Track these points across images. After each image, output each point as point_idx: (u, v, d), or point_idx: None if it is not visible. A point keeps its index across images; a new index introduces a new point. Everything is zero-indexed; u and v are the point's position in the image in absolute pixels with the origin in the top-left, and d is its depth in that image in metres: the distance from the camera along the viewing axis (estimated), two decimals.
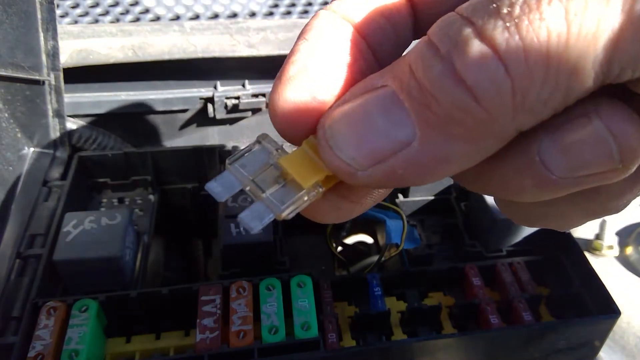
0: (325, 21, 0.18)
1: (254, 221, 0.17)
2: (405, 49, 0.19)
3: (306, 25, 0.18)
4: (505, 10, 0.14)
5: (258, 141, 0.18)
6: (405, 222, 0.47)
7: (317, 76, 0.17)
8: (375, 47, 0.18)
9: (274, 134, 0.20)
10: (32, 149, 0.56)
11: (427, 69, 0.14)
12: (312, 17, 0.18)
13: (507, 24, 0.13)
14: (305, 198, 0.18)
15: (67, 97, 0.58)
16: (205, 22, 0.69)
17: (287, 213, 0.17)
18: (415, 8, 0.19)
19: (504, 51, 0.13)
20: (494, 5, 0.14)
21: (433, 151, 0.15)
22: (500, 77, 0.14)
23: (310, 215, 0.19)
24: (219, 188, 0.18)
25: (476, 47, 0.14)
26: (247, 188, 0.18)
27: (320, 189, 0.18)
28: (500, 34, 0.13)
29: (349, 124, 0.16)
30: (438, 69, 0.14)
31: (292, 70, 0.17)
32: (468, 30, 0.14)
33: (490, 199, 0.47)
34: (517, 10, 0.13)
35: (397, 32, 0.19)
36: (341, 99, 0.17)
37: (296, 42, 0.18)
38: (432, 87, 0.14)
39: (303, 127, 0.17)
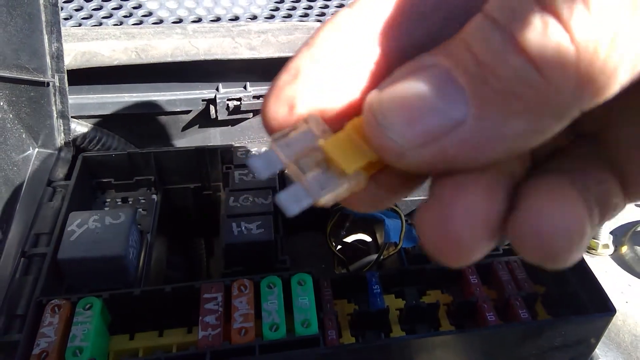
0: (347, 17, 0.17)
1: (291, 204, 0.16)
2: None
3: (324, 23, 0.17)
4: None
5: (305, 121, 0.17)
6: (404, 221, 0.48)
7: (313, 86, 0.16)
8: (398, 43, 0.17)
9: None
10: (36, 150, 0.56)
11: (485, 41, 0.14)
12: (335, 13, 0.17)
13: None
14: (346, 186, 0.17)
15: (72, 99, 0.58)
16: (207, 25, 0.69)
17: (326, 199, 0.17)
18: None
19: (567, 18, 0.13)
20: None
21: (488, 130, 0.14)
22: (564, 46, 0.13)
23: (345, 202, 0.18)
24: (261, 165, 0.17)
25: (538, 15, 0.13)
26: (289, 168, 0.17)
27: (362, 178, 0.17)
28: (562, 1, 0.13)
29: (399, 102, 0.15)
30: (497, 40, 0.13)
31: (284, 78, 0.17)
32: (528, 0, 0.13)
33: None
34: None
35: (424, 27, 0.17)
36: (390, 78, 0.16)
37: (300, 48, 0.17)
38: (491, 59, 0.13)
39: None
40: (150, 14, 0.76)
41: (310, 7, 0.82)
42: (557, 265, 0.16)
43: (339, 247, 0.55)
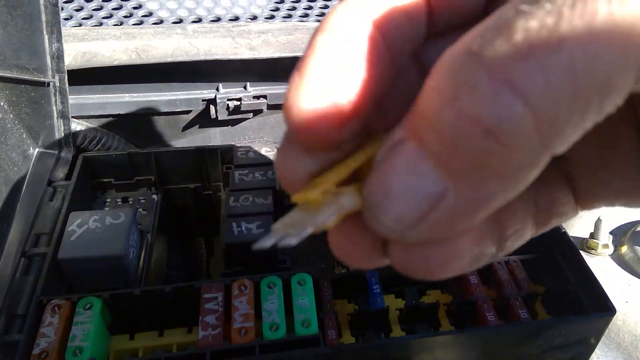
0: (344, 17, 0.17)
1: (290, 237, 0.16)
2: (417, 47, 0.18)
3: (324, 20, 0.17)
4: (518, 37, 0.12)
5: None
6: None
7: (340, 76, 0.16)
8: (391, 44, 0.17)
9: (274, 135, 0.20)
10: (37, 150, 0.57)
11: (439, 117, 0.14)
12: (330, 12, 0.17)
13: (519, 49, 0.12)
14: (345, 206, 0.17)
15: (72, 99, 0.58)
16: (208, 25, 0.69)
17: (320, 228, 0.17)
18: (431, 5, 0.18)
19: (520, 84, 0.12)
20: (503, 33, 0.13)
21: (469, 197, 0.14)
22: (519, 112, 0.12)
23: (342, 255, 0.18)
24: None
25: (486, 83, 0.13)
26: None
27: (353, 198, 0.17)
28: (514, 66, 0.12)
29: (382, 190, 0.15)
30: (451, 116, 0.13)
31: (313, 69, 0.16)
32: (475, 66, 0.13)
33: None
34: (531, 35, 0.12)
35: (414, 30, 0.17)
36: (375, 162, 0.16)
37: (314, 37, 0.16)
38: (449, 136, 0.14)
39: (323, 130, 0.16)
40: (150, 14, 0.76)
41: (310, 8, 0.82)
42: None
43: None
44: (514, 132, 0.13)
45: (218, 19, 0.77)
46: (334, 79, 0.16)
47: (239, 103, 0.66)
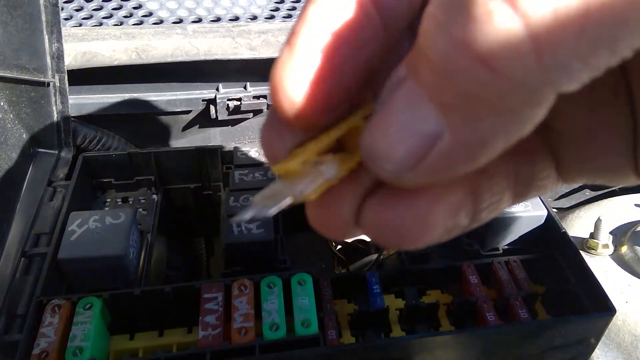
0: None
1: (265, 208, 0.16)
2: (413, 18, 0.17)
3: None
4: None
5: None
6: None
7: (330, 54, 0.15)
8: (386, 15, 0.16)
9: None
10: (37, 150, 0.57)
11: (433, 45, 0.12)
12: None
13: None
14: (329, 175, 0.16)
15: (72, 99, 0.59)
16: (208, 25, 0.69)
17: (302, 197, 0.16)
18: None
19: (519, 3, 0.11)
20: None
21: (466, 137, 0.13)
22: (516, 38, 0.11)
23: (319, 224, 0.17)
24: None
25: (481, 3, 0.11)
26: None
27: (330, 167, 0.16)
28: None
29: (382, 130, 0.14)
30: (442, 44, 0.12)
31: (302, 43, 0.15)
32: None
33: None
34: None
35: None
36: (378, 102, 0.15)
37: (306, 7, 0.15)
38: (441, 67, 0.12)
39: (310, 113, 0.15)
40: (150, 14, 0.76)
41: None
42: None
43: (339, 247, 0.55)
44: (509, 59, 0.11)
45: (218, 19, 0.77)
46: (323, 57, 0.15)
47: (239, 103, 0.66)
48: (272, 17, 0.79)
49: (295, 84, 0.15)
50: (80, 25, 0.72)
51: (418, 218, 0.16)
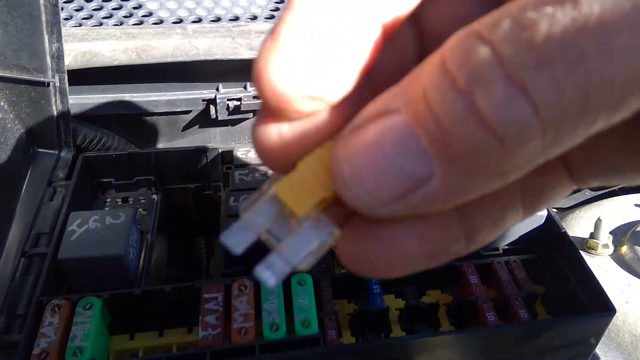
0: None
1: (271, 277, 0.16)
2: (415, 6, 0.16)
3: None
4: (539, 42, 0.12)
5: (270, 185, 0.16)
6: None
7: (319, 41, 0.15)
8: (386, 2, 0.15)
9: None
10: (37, 150, 0.57)
11: (444, 103, 0.13)
12: None
13: (539, 61, 0.12)
14: (317, 242, 0.16)
15: (72, 99, 0.58)
16: (208, 25, 0.69)
17: (304, 264, 0.16)
18: None
19: (534, 93, 0.12)
20: (525, 35, 0.12)
21: (453, 187, 0.14)
22: (528, 120, 0.12)
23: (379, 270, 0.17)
24: (233, 241, 0.16)
25: (501, 85, 0.12)
26: (263, 237, 0.16)
27: (331, 228, 0.16)
28: (532, 74, 0.12)
29: (363, 159, 0.14)
30: (458, 107, 0.13)
31: (289, 30, 0.15)
32: (492, 62, 0.12)
33: None
34: (553, 44, 0.12)
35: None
36: (352, 124, 0.15)
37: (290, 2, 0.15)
38: (451, 125, 0.13)
39: (293, 104, 0.15)
40: (150, 14, 0.76)
41: None
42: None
43: None
44: (518, 138, 0.13)
45: (218, 19, 0.77)
46: (311, 45, 0.15)
47: (239, 103, 0.66)
48: (272, 17, 0.79)
49: (278, 68, 0.14)
50: (80, 25, 0.72)
51: (390, 249, 0.16)
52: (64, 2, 0.75)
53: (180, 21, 0.75)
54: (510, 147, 0.13)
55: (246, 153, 0.54)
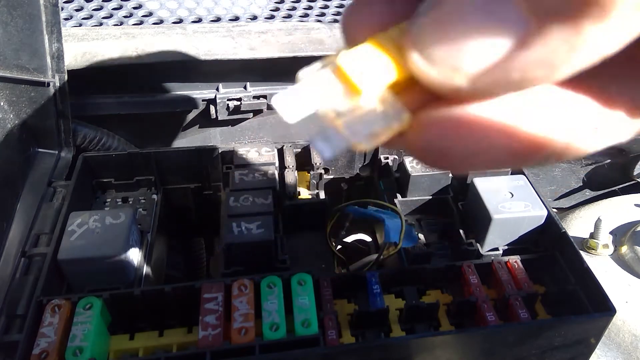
0: None
1: (325, 149, 0.15)
2: None
3: None
4: None
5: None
6: (404, 221, 0.48)
7: None
8: None
9: (274, 135, 0.20)
10: (37, 150, 0.57)
11: None
12: None
13: None
14: (383, 123, 0.14)
15: (72, 99, 0.58)
16: (208, 25, 0.69)
17: (364, 145, 0.14)
18: None
19: None
20: None
21: (556, 45, 0.11)
22: None
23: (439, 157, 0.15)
24: (284, 104, 0.14)
25: None
26: (321, 111, 0.15)
27: (404, 114, 0.14)
28: None
29: (443, 29, 0.12)
30: None
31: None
32: None
33: (487, 198, 0.47)
34: None
35: None
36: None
37: None
38: None
39: None
40: (150, 14, 0.76)
41: (310, 8, 0.82)
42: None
43: (339, 247, 0.55)
44: None
45: (218, 19, 0.77)
46: None
47: (239, 103, 0.66)
48: (272, 17, 0.79)
49: None
50: (80, 25, 0.72)
51: (471, 139, 0.14)
52: (64, 2, 0.75)
53: (180, 21, 0.75)
54: None
55: (246, 153, 0.54)
